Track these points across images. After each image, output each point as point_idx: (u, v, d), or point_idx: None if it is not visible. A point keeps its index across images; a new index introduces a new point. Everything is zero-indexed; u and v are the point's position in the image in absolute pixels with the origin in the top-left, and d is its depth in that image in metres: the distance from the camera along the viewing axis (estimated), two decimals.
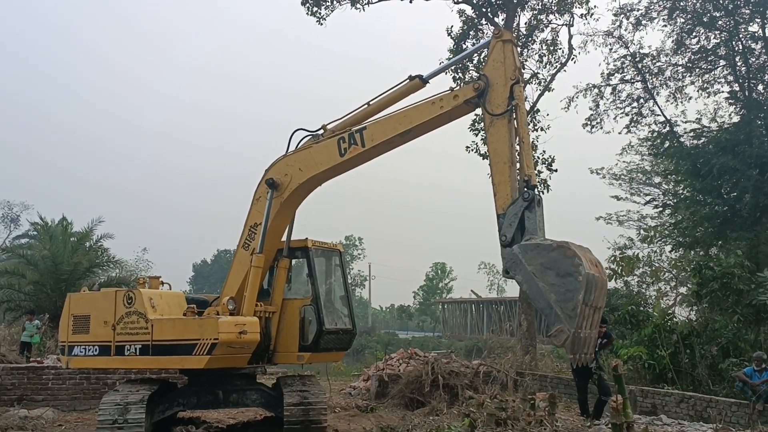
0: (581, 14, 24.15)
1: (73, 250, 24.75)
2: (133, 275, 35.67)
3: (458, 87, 9.07)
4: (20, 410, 13.23)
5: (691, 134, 25.53)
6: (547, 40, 24.37)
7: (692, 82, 26.33)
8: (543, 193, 23.00)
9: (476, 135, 23.71)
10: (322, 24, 24.80)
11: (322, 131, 10.48)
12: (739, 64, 24.58)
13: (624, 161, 34.32)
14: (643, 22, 25.64)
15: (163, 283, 11.79)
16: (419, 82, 9.85)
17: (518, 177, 8.32)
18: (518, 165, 8.43)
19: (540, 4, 24.30)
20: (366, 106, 10.18)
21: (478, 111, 9.79)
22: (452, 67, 22.79)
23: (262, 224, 10.49)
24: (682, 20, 25.04)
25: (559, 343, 7.35)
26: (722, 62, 25.28)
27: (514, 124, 8.40)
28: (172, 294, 11.38)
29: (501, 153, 8.34)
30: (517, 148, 8.54)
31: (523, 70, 9.06)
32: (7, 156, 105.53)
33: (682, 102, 26.68)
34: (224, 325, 9.60)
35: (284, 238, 11.22)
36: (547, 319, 7.45)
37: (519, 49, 23.88)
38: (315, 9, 24.70)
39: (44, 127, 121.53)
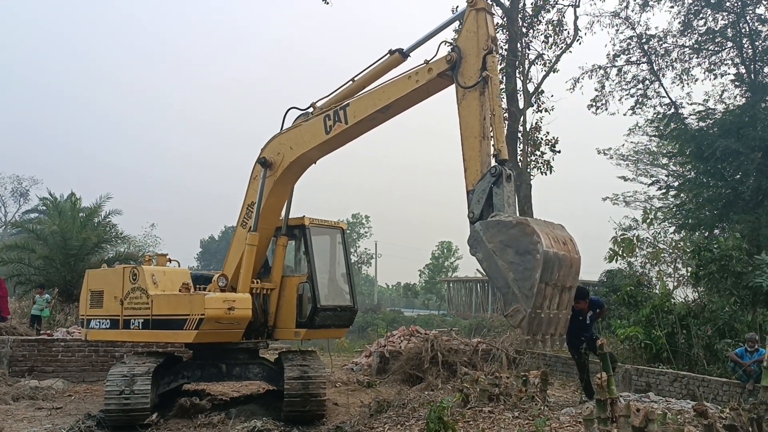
0: None
1: (82, 226, 25.06)
2: (141, 251, 36.13)
3: (432, 59, 8.64)
4: (31, 381, 13.60)
5: (696, 116, 25.51)
6: (553, 21, 24.38)
7: (699, 64, 26.33)
8: (545, 174, 23.38)
9: None
10: (328, 3, 24.83)
11: (311, 109, 10.48)
12: (746, 46, 24.47)
13: (631, 142, 34.40)
14: (650, 2, 25.62)
15: (170, 260, 12.09)
16: (399, 56, 9.67)
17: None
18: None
19: None
20: (351, 82, 10.12)
21: None
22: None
23: (258, 203, 10.67)
24: (690, 1, 24.93)
25: (515, 323, 6.99)
26: (729, 44, 25.16)
27: (487, 97, 7.92)
28: (177, 271, 11.66)
29: (472, 127, 7.92)
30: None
31: (498, 40, 8.26)
32: (17, 130, 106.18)
33: (688, 84, 26.72)
34: (211, 302, 9.86)
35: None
36: (505, 299, 7.07)
37: (524, 29, 24.00)
38: None
39: (56, 101, 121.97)
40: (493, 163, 7.68)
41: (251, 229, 10.69)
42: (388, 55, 9.76)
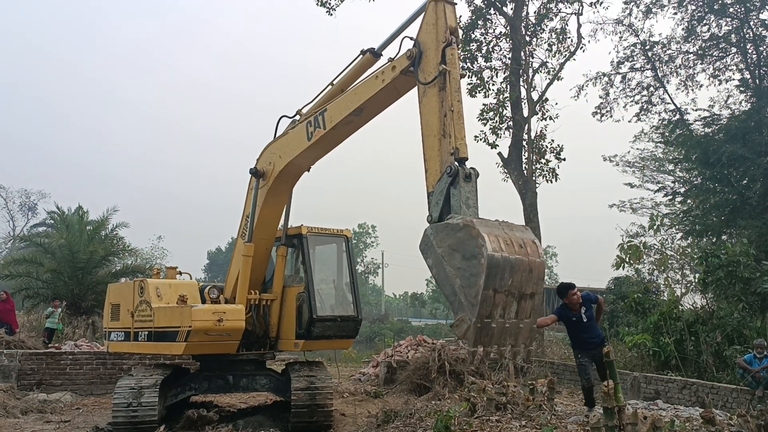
0: (591, 2, 24.12)
1: (89, 239, 25.16)
2: (149, 263, 36.26)
3: (396, 56, 8.27)
4: (39, 394, 13.67)
5: (702, 122, 25.48)
6: (557, 29, 24.37)
7: (703, 70, 26.27)
8: (551, 182, 23.32)
9: (485, 125, 23.90)
10: (332, 15, 24.96)
11: (298, 116, 10.42)
12: (750, 51, 24.46)
13: (637, 148, 34.37)
14: (654, 9, 25.58)
15: (180, 272, 12.14)
16: (371, 56, 9.43)
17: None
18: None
19: None
20: (330, 86, 9.99)
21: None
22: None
23: (251, 213, 10.70)
24: (693, 7, 24.93)
25: (460, 333, 6.46)
26: (733, 50, 25.16)
27: (447, 93, 7.35)
28: (184, 283, 11.68)
29: (431, 125, 7.41)
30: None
31: (460, 31, 7.67)
32: (24, 148, 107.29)
33: (693, 90, 26.67)
34: (198, 313, 9.82)
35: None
36: (452, 307, 6.55)
37: (528, 38, 24.03)
38: None
39: (61, 121, 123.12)
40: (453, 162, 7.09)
41: (247, 240, 10.72)
42: (361, 55, 9.56)
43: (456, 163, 6.97)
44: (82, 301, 23.26)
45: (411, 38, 7.93)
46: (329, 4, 24.80)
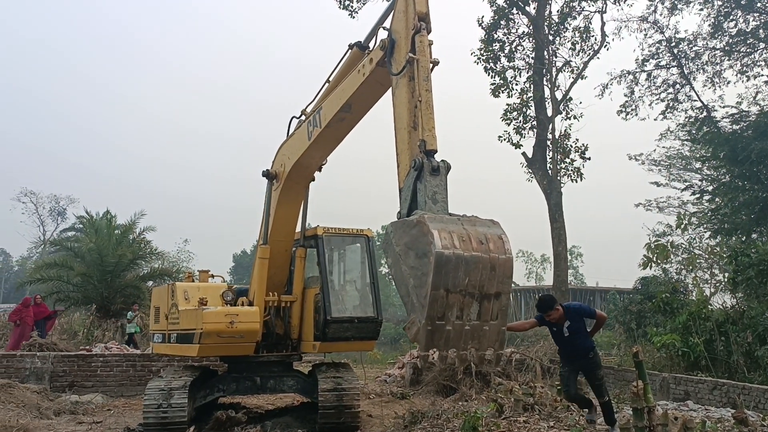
0: (614, 0, 23.95)
1: (118, 243, 25.55)
2: (175, 266, 36.68)
3: (373, 48, 7.98)
4: (71, 396, 13.90)
5: (729, 119, 25.11)
6: (580, 28, 24.24)
7: (730, 66, 25.92)
8: (576, 182, 23.15)
9: (508, 125, 23.81)
10: (354, 17, 25.06)
11: (303, 116, 10.29)
12: None
13: (663, 146, 33.98)
14: (679, 6, 25.33)
15: (213, 276, 12.28)
16: (357, 50, 9.09)
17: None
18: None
19: None
20: (327, 83, 9.83)
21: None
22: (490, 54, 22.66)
23: (265, 215, 10.75)
24: (720, 3, 24.61)
25: (411, 336, 6.00)
26: (761, 45, 24.78)
27: (416, 83, 6.86)
28: (213, 286, 11.79)
29: (402, 117, 6.99)
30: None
31: (428, 17, 7.08)
32: (52, 158, 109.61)
33: (720, 86, 26.33)
34: (209, 316, 9.85)
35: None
36: (406, 309, 6.15)
37: (551, 37, 23.91)
38: (347, 2, 24.97)
39: (86, 131, 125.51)
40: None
41: (262, 242, 10.79)
42: (349, 50, 9.32)
43: (423, 155, 6.47)
44: (111, 304, 23.61)
45: (386, 29, 7.64)
46: (351, 6, 24.94)
